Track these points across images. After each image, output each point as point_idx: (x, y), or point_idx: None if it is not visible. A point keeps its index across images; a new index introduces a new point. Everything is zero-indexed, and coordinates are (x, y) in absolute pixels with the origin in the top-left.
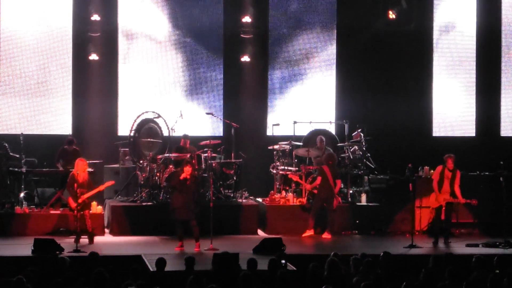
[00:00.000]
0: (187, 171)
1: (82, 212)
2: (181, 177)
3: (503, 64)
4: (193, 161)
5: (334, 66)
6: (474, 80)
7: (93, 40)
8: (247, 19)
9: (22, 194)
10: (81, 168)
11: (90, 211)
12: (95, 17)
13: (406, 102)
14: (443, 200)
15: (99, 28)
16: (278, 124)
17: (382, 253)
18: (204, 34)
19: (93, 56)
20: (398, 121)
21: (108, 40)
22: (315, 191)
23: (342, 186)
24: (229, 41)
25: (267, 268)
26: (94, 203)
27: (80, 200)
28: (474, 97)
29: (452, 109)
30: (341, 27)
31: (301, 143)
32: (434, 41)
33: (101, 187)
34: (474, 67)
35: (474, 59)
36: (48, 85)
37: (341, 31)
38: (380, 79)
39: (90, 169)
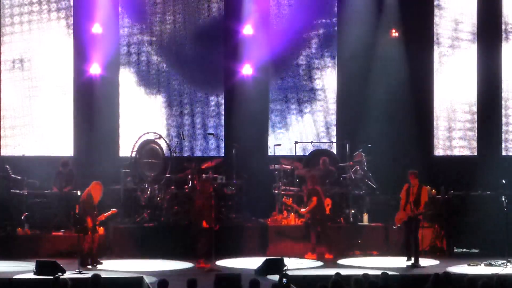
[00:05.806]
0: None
1: (93, 234)
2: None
3: (504, 82)
4: (195, 182)
5: (335, 86)
6: (475, 99)
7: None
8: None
9: (23, 216)
10: (97, 192)
11: (99, 234)
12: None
13: (407, 122)
14: (406, 215)
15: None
16: (279, 145)
17: (380, 273)
18: (204, 52)
19: (95, 69)
20: (400, 140)
21: (109, 63)
22: (307, 215)
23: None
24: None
25: None
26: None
27: (98, 219)
28: (475, 116)
29: (453, 128)
30: (341, 48)
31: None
32: (435, 60)
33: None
34: (476, 85)
35: (476, 78)
36: (49, 106)
37: (341, 51)
38: (381, 99)
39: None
